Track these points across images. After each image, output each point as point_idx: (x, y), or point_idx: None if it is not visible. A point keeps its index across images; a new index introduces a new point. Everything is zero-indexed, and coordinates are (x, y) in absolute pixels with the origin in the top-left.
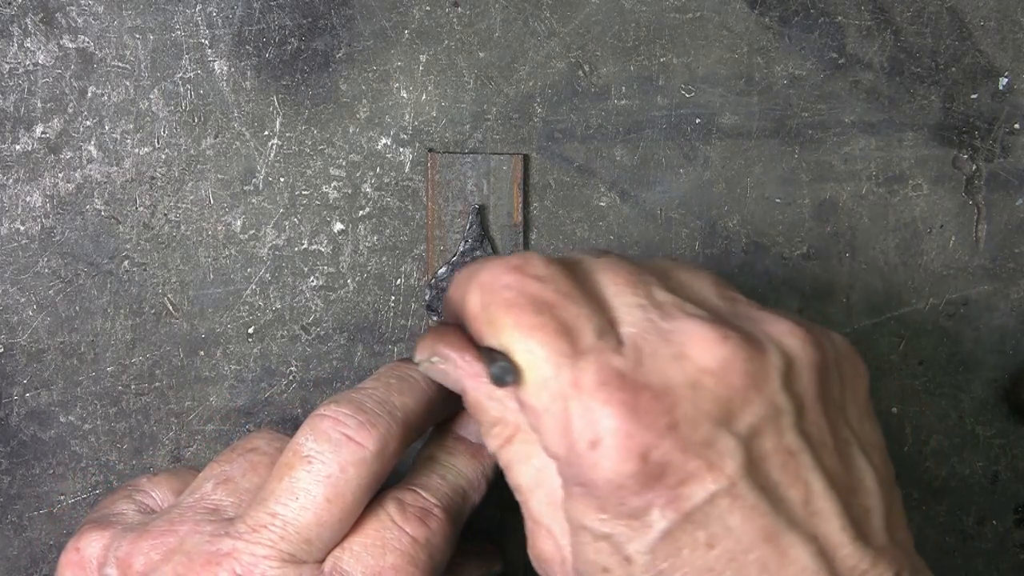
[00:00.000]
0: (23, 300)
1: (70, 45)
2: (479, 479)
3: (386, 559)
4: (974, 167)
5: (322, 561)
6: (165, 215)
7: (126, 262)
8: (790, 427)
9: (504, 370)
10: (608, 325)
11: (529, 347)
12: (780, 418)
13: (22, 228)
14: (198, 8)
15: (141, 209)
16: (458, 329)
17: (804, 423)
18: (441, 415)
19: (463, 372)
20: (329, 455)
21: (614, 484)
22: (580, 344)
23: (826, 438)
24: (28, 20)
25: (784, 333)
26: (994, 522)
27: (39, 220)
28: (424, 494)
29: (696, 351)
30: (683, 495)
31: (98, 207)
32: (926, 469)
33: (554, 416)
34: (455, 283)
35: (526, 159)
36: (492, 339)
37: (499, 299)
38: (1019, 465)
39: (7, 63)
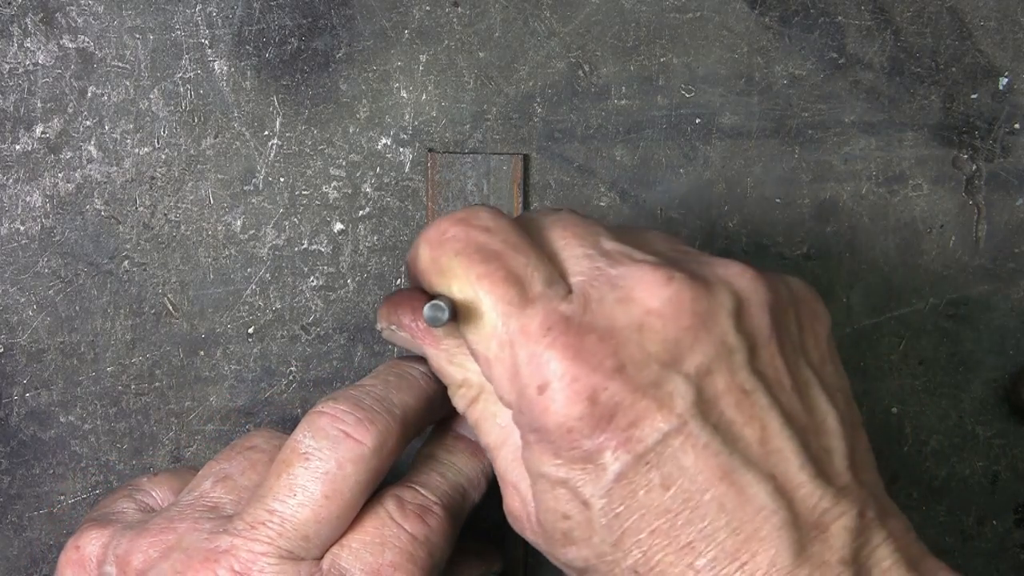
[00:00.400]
0: (23, 300)
1: (70, 45)
2: (479, 477)
3: (385, 556)
4: (974, 167)
5: (320, 558)
6: (165, 215)
7: (126, 262)
8: (742, 366)
9: (437, 308)
10: (556, 275)
11: (477, 295)
12: (732, 356)
13: (22, 228)
14: (198, 8)
15: (141, 209)
16: (413, 293)
17: (758, 362)
18: (441, 413)
19: (418, 335)
20: (327, 452)
21: (564, 427)
22: (528, 292)
23: (783, 377)
24: (28, 20)
25: (734, 274)
26: (994, 522)
27: (39, 220)
28: (423, 492)
29: (642, 293)
30: (634, 436)
31: (98, 207)
32: (926, 469)
33: (503, 363)
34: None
35: (526, 159)
36: (442, 289)
37: (447, 250)
38: (1019, 465)
39: (7, 63)
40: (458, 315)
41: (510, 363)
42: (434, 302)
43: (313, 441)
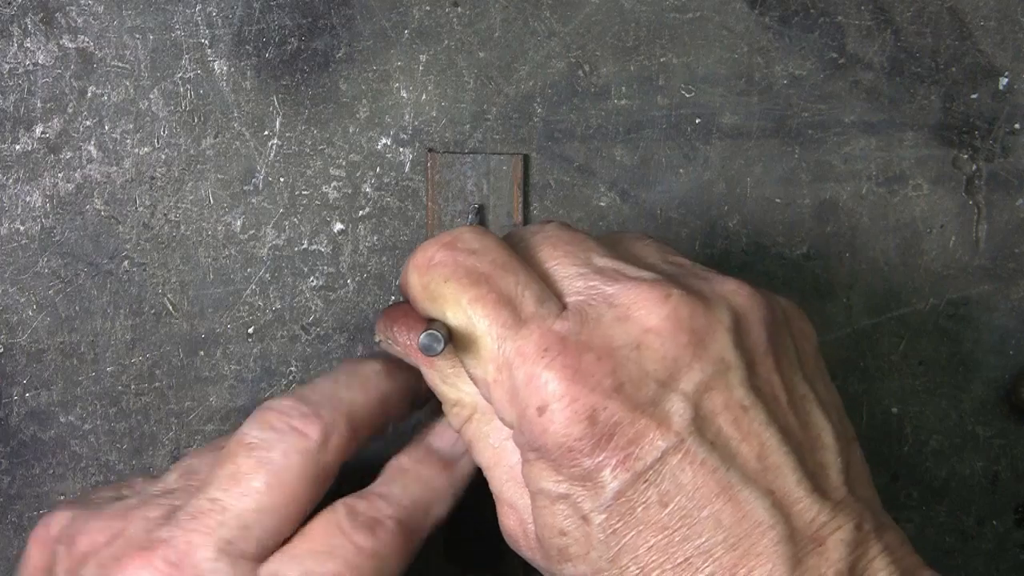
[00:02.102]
0: (23, 300)
1: (70, 45)
2: (446, 491)
3: (326, 566)
4: (974, 167)
5: (261, 561)
6: (165, 215)
7: (126, 262)
8: (740, 383)
9: (433, 338)
10: (548, 293)
11: (471, 320)
12: (729, 374)
13: (22, 228)
14: (198, 8)
15: (141, 209)
16: (409, 310)
17: (755, 379)
18: (400, 412)
19: (412, 354)
20: (272, 442)
21: (564, 447)
22: (521, 313)
23: (780, 393)
24: (28, 20)
25: (731, 291)
26: (994, 522)
27: (39, 220)
28: (380, 503)
29: (639, 311)
30: (633, 454)
31: (98, 207)
32: (926, 469)
33: (502, 385)
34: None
35: (526, 159)
36: (436, 315)
37: (435, 276)
38: (1019, 465)
39: (7, 63)
40: (453, 340)
41: (509, 385)
42: (430, 331)
43: (259, 432)
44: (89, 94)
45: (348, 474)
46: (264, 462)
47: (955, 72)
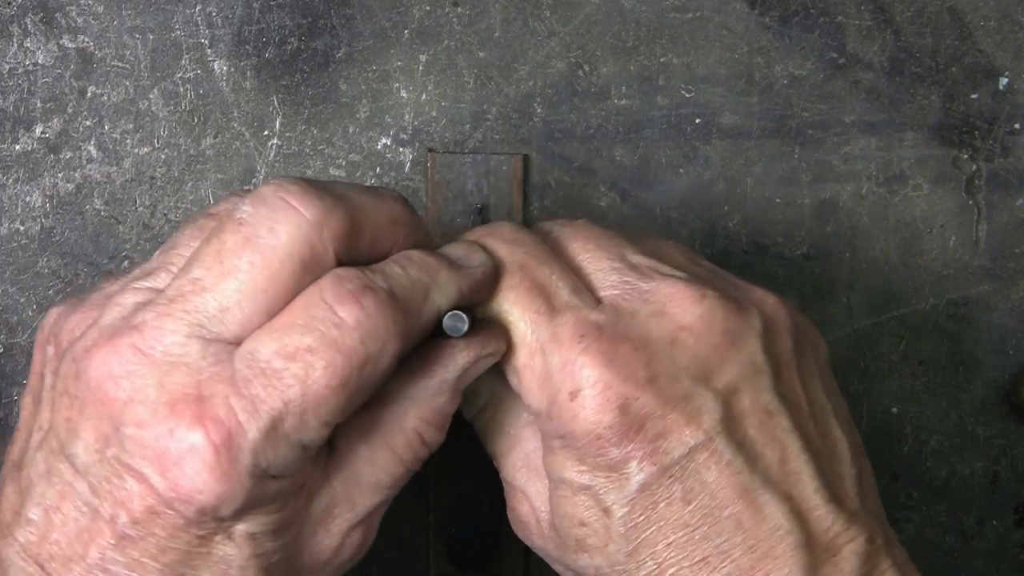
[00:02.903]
0: (23, 300)
1: (70, 45)
2: (450, 282)
3: (303, 340)
4: (974, 167)
5: (238, 342)
6: (165, 215)
7: (126, 262)
8: (768, 387)
9: (457, 318)
10: (581, 286)
11: (504, 307)
12: (758, 377)
13: (22, 228)
14: (198, 8)
15: (141, 209)
16: None
17: (781, 385)
18: (407, 233)
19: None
20: (262, 217)
21: (593, 434)
22: (556, 302)
23: (802, 402)
24: (28, 20)
25: (760, 298)
26: (994, 522)
27: (39, 220)
28: (373, 275)
29: (675, 309)
30: (661, 448)
31: (98, 207)
32: (926, 469)
33: (532, 370)
34: None
35: (526, 159)
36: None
37: None
38: (1019, 465)
39: (7, 63)
40: (483, 326)
41: (541, 370)
42: (455, 312)
43: (250, 207)
44: (89, 94)
45: None
46: (251, 239)
47: (955, 72)
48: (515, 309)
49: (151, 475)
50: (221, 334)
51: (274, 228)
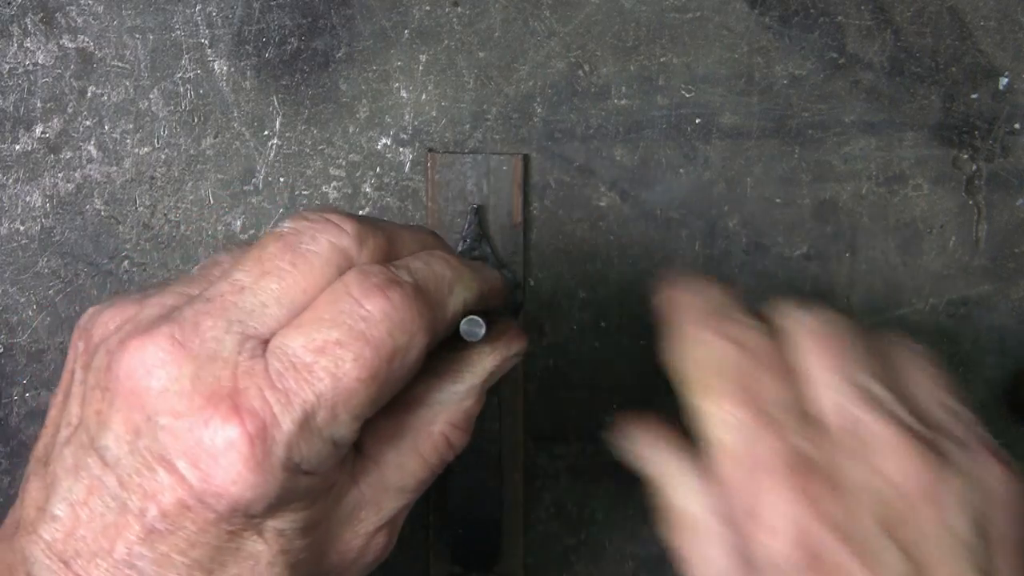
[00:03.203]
0: (23, 300)
1: (70, 45)
2: (474, 282)
3: (331, 334)
4: (974, 167)
5: (269, 339)
6: (165, 215)
7: (126, 262)
8: (966, 559)
9: (474, 323)
10: (800, 401)
11: (711, 410)
12: (959, 549)
13: (22, 228)
14: (198, 8)
15: (141, 209)
16: (662, 426)
17: (986, 562)
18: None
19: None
20: (304, 227)
21: (771, 562)
22: (766, 414)
23: None
24: (28, 20)
25: (985, 465)
26: None
27: (39, 220)
28: (398, 270)
29: (885, 460)
30: None
31: (98, 207)
32: None
33: (720, 479)
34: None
35: (526, 159)
36: (688, 398)
37: (695, 356)
38: (1020, 466)
39: (7, 63)
40: (493, 329)
41: (730, 483)
42: (471, 317)
43: (292, 223)
44: (89, 94)
45: None
46: (293, 245)
47: (955, 72)
48: (719, 414)
49: (184, 467)
50: (258, 331)
51: (316, 237)
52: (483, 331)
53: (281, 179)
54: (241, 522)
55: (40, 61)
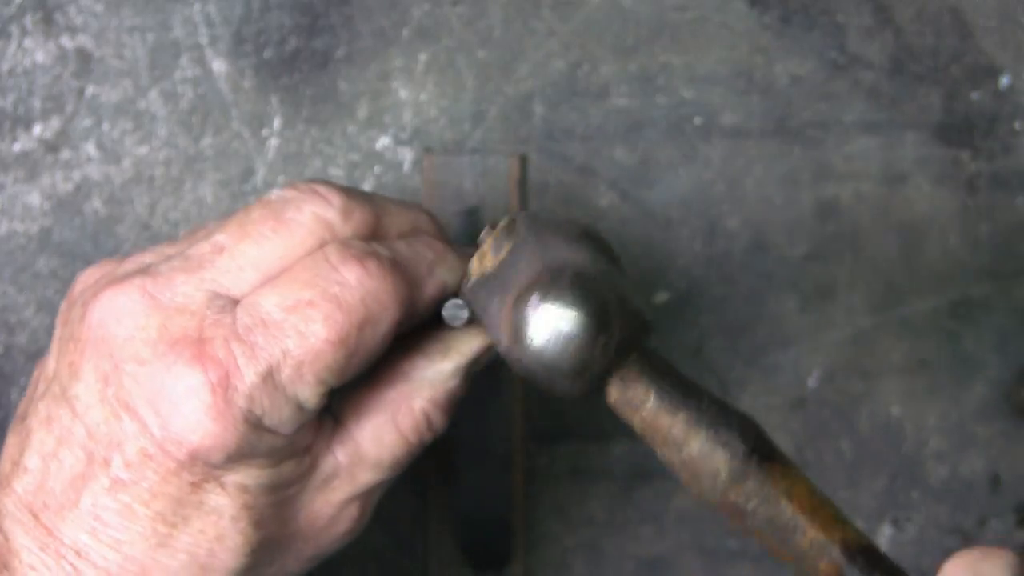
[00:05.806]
0: (22, 300)
1: (69, 44)
2: (455, 265)
3: (303, 294)
4: (975, 167)
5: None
6: (164, 215)
7: None
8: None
9: (458, 307)
10: None
11: None
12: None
13: (21, 228)
14: (197, 7)
15: (140, 209)
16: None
17: None
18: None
19: None
20: (290, 197)
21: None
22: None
23: None
24: (27, 19)
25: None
26: (995, 523)
27: (38, 220)
28: (378, 245)
29: None
30: None
31: (97, 207)
32: (927, 469)
33: None
34: None
35: (523, 159)
36: None
37: None
38: (1020, 466)
39: (6, 62)
40: (474, 319)
41: None
42: (455, 300)
43: (280, 191)
44: (88, 94)
45: None
46: (277, 212)
47: (956, 72)
48: None
49: (146, 414)
50: (230, 291)
51: (301, 207)
52: (466, 314)
53: (280, 179)
54: (202, 472)
55: (39, 60)
